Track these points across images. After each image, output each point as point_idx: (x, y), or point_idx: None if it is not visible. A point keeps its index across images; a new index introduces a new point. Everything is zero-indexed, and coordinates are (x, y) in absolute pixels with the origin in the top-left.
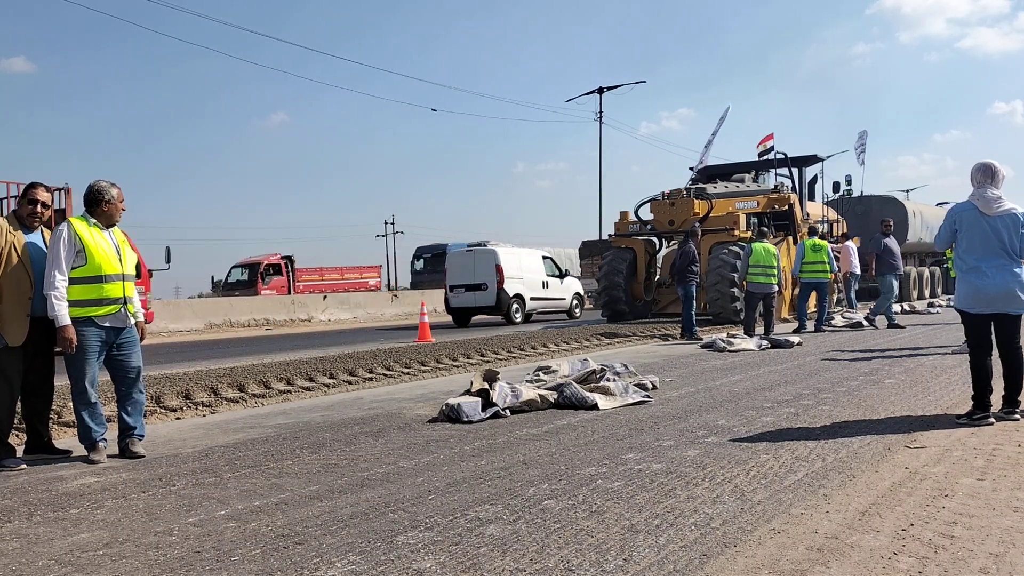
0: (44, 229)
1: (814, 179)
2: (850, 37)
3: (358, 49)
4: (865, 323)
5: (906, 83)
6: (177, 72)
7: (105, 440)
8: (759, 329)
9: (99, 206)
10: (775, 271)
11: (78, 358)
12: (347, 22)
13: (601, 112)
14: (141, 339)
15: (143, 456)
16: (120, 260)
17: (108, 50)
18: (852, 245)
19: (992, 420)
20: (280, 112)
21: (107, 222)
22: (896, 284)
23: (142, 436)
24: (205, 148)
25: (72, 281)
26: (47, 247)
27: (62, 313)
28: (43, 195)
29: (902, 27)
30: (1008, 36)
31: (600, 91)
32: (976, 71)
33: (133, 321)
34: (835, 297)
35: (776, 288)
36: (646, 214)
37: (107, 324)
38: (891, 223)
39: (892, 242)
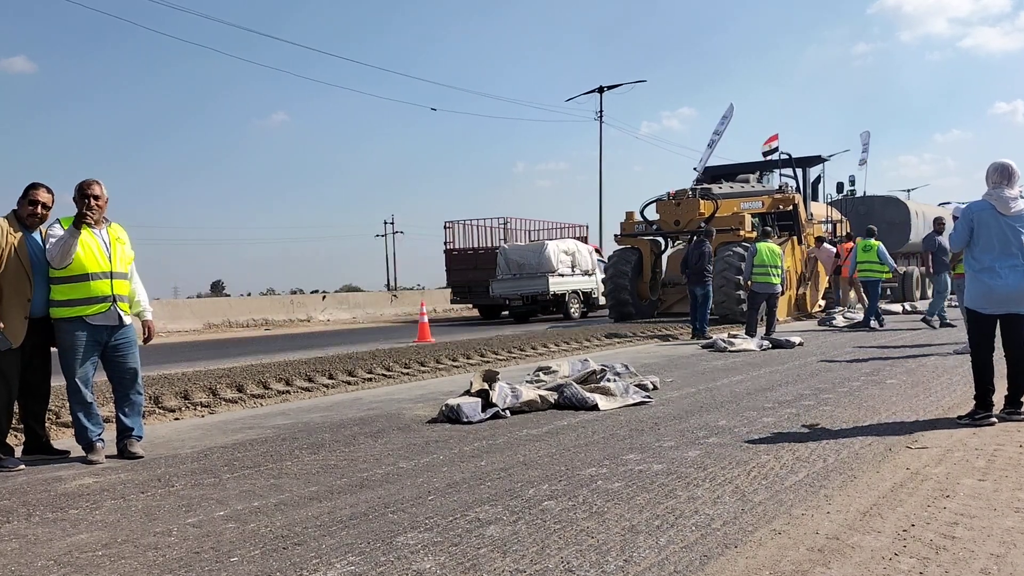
0: (42, 229)
1: (817, 179)
2: (851, 37)
3: (358, 49)
4: (923, 324)
5: (907, 83)
6: (177, 72)
7: (103, 440)
8: (760, 329)
9: (83, 202)
10: (779, 271)
11: (70, 358)
12: (347, 22)
13: (601, 112)
14: (149, 338)
15: (141, 457)
16: (110, 258)
17: (109, 50)
18: (830, 248)
19: (994, 420)
20: (280, 112)
21: (92, 220)
22: (950, 282)
23: (140, 437)
24: (205, 148)
25: (59, 280)
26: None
27: None
28: (43, 196)
29: (903, 26)
30: (1010, 35)
31: (600, 90)
32: (977, 71)
33: (129, 320)
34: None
35: (780, 288)
36: (652, 214)
37: (97, 323)
38: (944, 221)
39: (945, 240)
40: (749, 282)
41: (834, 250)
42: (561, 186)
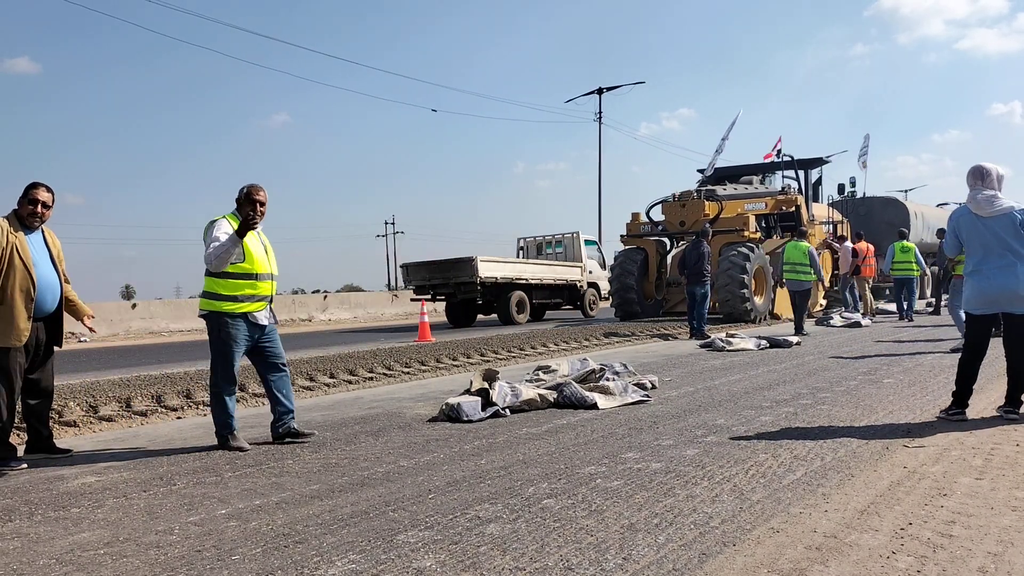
0: (45, 229)
1: (818, 181)
2: (848, 38)
3: (360, 50)
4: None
5: (905, 84)
6: (180, 73)
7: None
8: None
9: (249, 206)
10: (806, 268)
11: (228, 349)
12: (349, 24)
13: (601, 113)
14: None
15: (314, 434)
16: (269, 260)
17: (111, 52)
18: (849, 246)
19: (967, 418)
20: (282, 113)
21: (253, 224)
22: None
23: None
24: (206, 148)
25: (228, 276)
26: (48, 247)
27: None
28: (44, 195)
29: (900, 28)
30: (1007, 37)
31: (599, 92)
32: (975, 72)
33: (275, 318)
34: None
35: (808, 285)
36: (657, 215)
37: (259, 321)
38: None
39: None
40: (783, 280)
41: (851, 248)
42: (561, 186)
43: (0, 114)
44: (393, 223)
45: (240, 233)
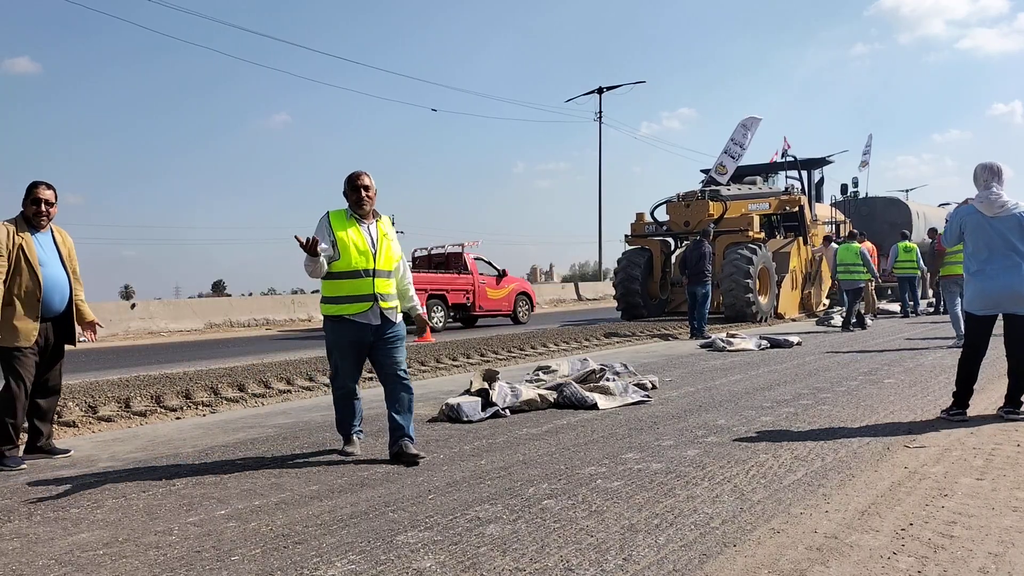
0: (55, 228)
1: (820, 181)
2: (848, 38)
3: (360, 49)
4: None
5: (905, 84)
6: (181, 73)
7: (361, 432)
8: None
9: (354, 195)
10: (858, 268)
11: (333, 355)
12: (350, 24)
13: (601, 112)
14: (422, 330)
15: (423, 458)
16: (375, 255)
17: (111, 51)
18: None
19: (967, 418)
20: (282, 112)
21: (362, 213)
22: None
23: (413, 438)
24: (207, 149)
25: (330, 276)
26: (57, 246)
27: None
28: (46, 193)
29: (901, 28)
30: (1008, 37)
31: (600, 91)
32: (975, 72)
33: (397, 318)
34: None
35: (861, 284)
36: (662, 215)
37: (360, 321)
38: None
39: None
40: (836, 279)
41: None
42: (561, 186)
43: (0, 114)
44: (393, 223)
45: (310, 252)
